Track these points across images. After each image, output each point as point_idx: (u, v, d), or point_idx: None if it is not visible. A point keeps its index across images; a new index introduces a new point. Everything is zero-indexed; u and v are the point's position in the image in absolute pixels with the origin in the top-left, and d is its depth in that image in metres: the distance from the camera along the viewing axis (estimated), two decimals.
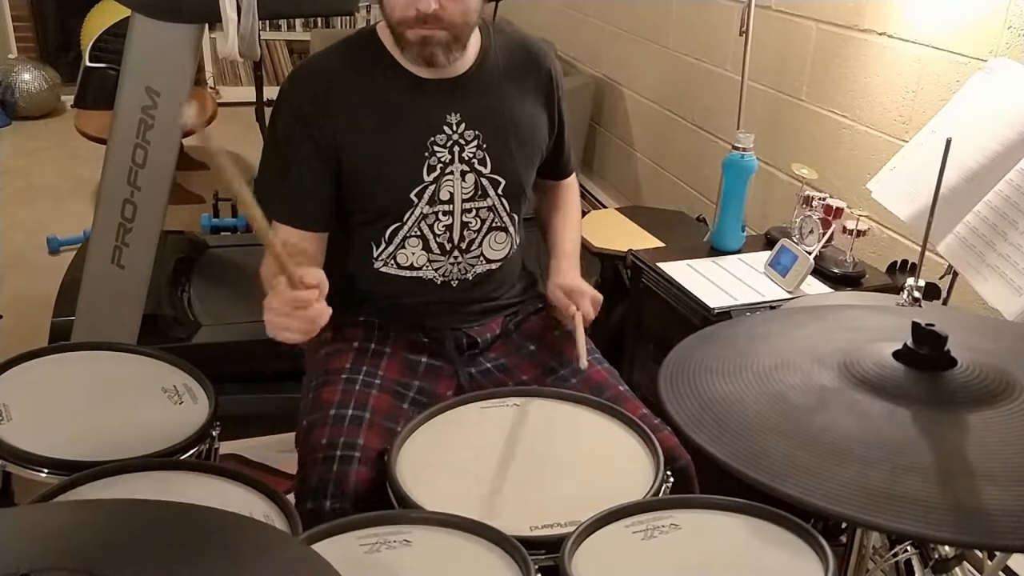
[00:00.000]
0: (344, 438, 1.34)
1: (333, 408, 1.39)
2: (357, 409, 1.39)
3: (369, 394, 1.42)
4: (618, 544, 1.11)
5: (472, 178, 1.49)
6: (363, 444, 1.33)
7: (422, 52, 1.40)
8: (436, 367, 1.53)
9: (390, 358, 1.51)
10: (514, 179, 1.53)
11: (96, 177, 2.37)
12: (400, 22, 1.38)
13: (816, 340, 1.07)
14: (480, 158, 1.49)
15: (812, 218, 2.00)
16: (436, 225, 1.49)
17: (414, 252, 1.50)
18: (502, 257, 1.57)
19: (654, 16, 3.40)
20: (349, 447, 1.33)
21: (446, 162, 1.47)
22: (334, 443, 1.33)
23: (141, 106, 2.14)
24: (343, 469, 1.30)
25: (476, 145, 1.48)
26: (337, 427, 1.35)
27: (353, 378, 1.45)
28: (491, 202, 1.52)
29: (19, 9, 5.50)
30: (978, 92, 1.66)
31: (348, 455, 1.32)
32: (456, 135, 1.47)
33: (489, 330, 1.58)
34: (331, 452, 1.32)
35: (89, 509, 1.05)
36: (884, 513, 0.79)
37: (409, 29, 1.38)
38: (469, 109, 1.48)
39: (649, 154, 3.57)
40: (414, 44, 1.39)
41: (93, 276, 2.28)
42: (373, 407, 1.40)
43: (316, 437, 1.35)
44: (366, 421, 1.37)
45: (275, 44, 5.71)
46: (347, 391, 1.42)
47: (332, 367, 1.48)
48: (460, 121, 1.47)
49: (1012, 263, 1.43)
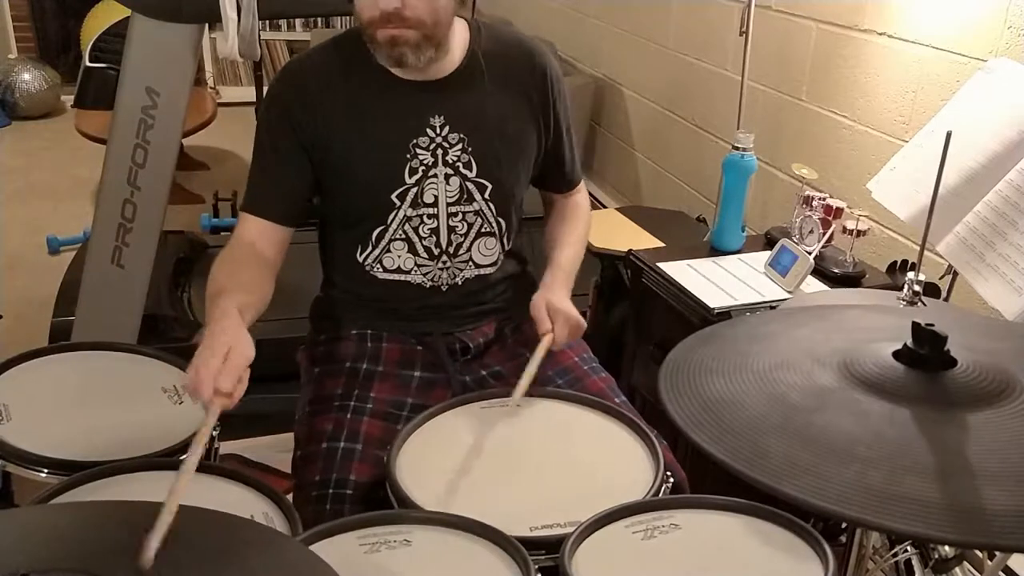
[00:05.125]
0: (336, 475, 1.35)
1: (325, 441, 1.39)
2: (349, 441, 1.39)
3: (361, 422, 1.42)
4: (618, 544, 1.11)
5: (457, 182, 1.47)
6: (355, 480, 1.34)
7: (391, 53, 1.37)
8: (430, 380, 1.51)
9: (382, 378, 1.50)
10: (501, 184, 1.49)
11: (96, 177, 2.37)
12: (369, 23, 1.36)
13: (816, 340, 1.07)
14: (465, 161, 1.46)
15: (812, 218, 2.00)
16: (421, 228, 1.47)
17: (400, 255, 1.49)
18: (492, 262, 1.54)
19: (654, 16, 3.40)
20: (341, 484, 1.34)
21: (428, 165, 1.45)
22: (327, 481, 1.34)
23: (141, 106, 2.15)
24: (336, 508, 1.31)
25: (461, 148, 1.46)
26: (329, 462, 1.36)
27: (345, 405, 1.45)
28: (478, 206, 1.49)
29: (19, 9, 5.50)
30: (978, 92, 1.66)
31: (340, 493, 1.33)
32: (439, 138, 1.45)
33: (481, 334, 1.56)
34: (324, 491, 1.33)
35: (89, 509, 1.05)
36: (884, 513, 0.79)
37: (378, 29, 1.36)
38: (453, 111, 1.45)
39: (649, 154, 3.57)
40: (383, 45, 1.37)
41: (93, 276, 2.28)
42: (365, 437, 1.40)
43: (310, 474, 1.37)
44: (358, 454, 1.37)
45: (275, 44, 5.71)
46: (339, 420, 1.42)
47: (323, 393, 1.48)
48: (444, 124, 1.45)
49: (1012, 263, 1.42)
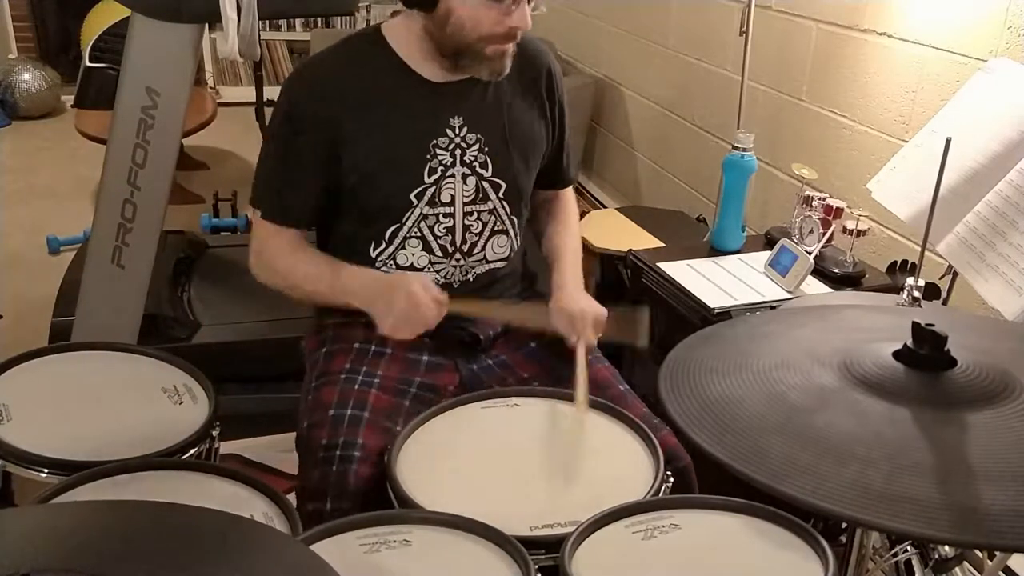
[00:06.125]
0: (344, 438, 1.33)
1: (332, 408, 1.38)
2: (356, 408, 1.38)
3: (368, 393, 1.42)
4: (618, 544, 1.11)
5: (473, 181, 1.50)
6: (363, 443, 1.33)
7: (496, 66, 1.42)
8: (438, 363, 1.53)
9: (390, 358, 1.50)
10: (515, 182, 1.53)
11: (96, 177, 2.37)
12: (483, 38, 1.38)
13: (816, 340, 1.07)
14: (481, 161, 1.49)
15: (812, 218, 2.00)
16: (437, 227, 1.50)
17: (414, 253, 1.50)
18: (503, 259, 1.57)
19: (654, 16, 3.40)
20: (349, 447, 1.32)
21: (447, 165, 1.47)
22: (334, 443, 1.33)
23: (141, 106, 2.14)
24: (343, 468, 1.30)
25: (478, 148, 1.49)
26: (336, 427, 1.35)
27: (352, 378, 1.45)
28: (492, 205, 1.52)
29: (19, 9, 5.49)
30: (978, 92, 1.66)
31: (348, 455, 1.32)
32: (458, 138, 1.47)
33: (491, 326, 1.58)
34: (331, 453, 1.32)
35: (89, 509, 1.05)
36: (884, 513, 0.79)
37: (491, 45, 1.39)
38: (472, 112, 1.48)
39: (649, 154, 3.57)
40: (491, 59, 1.41)
41: (93, 276, 2.28)
42: (372, 406, 1.40)
43: (316, 438, 1.35)
44: (365, 420, 1.37)
45: (275, 44, 5.71)
46: (346, 391, 1.42)
47: (331, 368, 1.48)
48: (463, 124, 1.48)
49: (1012, 263, 1.42)
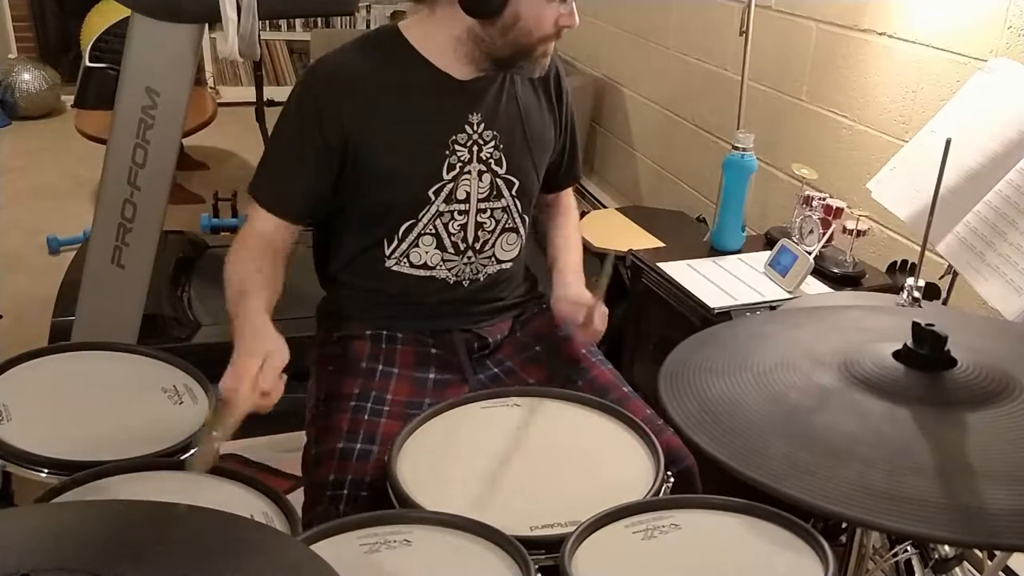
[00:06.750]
0: (351, 476, 1.33)
1: (341, 441, 1.38)
2: (365, 442, 1.38)
3: (378, 424, 1.41)
4: (618, 544, 1.11)
5: (488, 178, 1.50)
6: (370, 483, 1.33)
7: (542, 63, 1.45)
8: (445, 381, 1.52)
9: (398, 379, 1.49)
10: (527, 180, 1.54)
11: (96, 177, 2.37)
12: (542, 39, 1.41)
13: (816, 340, 1.07)
14: (496, 159, 1.50)
15: (812, 218, 2.00)
16: (451, 224, 1.50)
17: (427, 251, 1.50)
18: (512, 258, 1.58)
19: (654, 16, 3.40)
20: (356, 486, 1.32)
21: (465, 161, 1.48)
22: (341, 481, 1.33)
23: (141, 106, 2.15)
24: (348, 510, 1.30)
25: (493, 146, 1.49)
26: (344, 463, 1.35)
27: (361, 406, 1.43)
28: (505, 203, 1.53)
29: (19, 9, 5.50)
30: (978, 92, 1.66)
31: (355, 494, 1.32)
32: (476, 135, 1.48)
33: (499, 330, 1.59)
34: (338, 491, 1.32)
35: (89, 509, 1.05)
36: (884, 513, 0.79)
37: (543, 44, 1.42)
38: (489, 110, 1.49)
39: (649, 154, 3.57)
40: (540, 57, 1.44)
41: (93, 276, 2.28)
42: (382, 436, 1.39)
43: (323, 473, 1.35)
44: (374, 456, 1.36)
45: (275, 44, 5.71)
46: (356, 420, 1.41)
47: (340, 391, 1.47)
48: (480, 121, 1.48)
49: (1012, 263, 1.42)
